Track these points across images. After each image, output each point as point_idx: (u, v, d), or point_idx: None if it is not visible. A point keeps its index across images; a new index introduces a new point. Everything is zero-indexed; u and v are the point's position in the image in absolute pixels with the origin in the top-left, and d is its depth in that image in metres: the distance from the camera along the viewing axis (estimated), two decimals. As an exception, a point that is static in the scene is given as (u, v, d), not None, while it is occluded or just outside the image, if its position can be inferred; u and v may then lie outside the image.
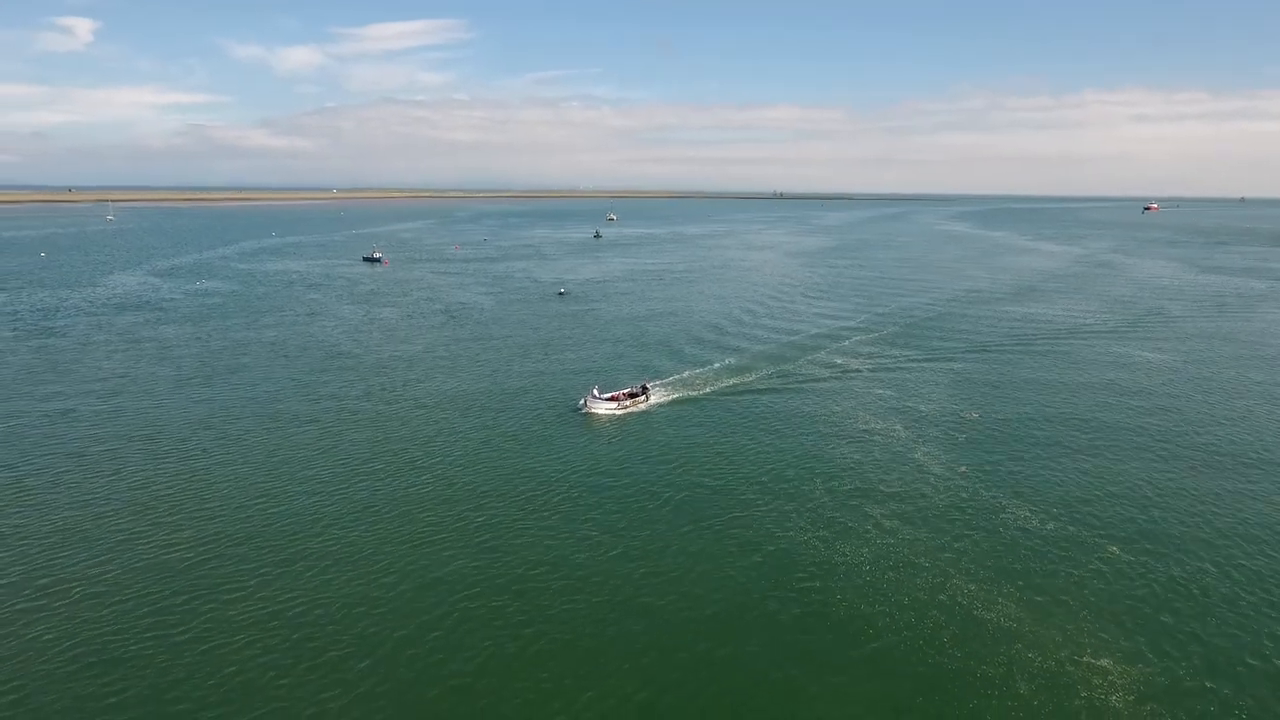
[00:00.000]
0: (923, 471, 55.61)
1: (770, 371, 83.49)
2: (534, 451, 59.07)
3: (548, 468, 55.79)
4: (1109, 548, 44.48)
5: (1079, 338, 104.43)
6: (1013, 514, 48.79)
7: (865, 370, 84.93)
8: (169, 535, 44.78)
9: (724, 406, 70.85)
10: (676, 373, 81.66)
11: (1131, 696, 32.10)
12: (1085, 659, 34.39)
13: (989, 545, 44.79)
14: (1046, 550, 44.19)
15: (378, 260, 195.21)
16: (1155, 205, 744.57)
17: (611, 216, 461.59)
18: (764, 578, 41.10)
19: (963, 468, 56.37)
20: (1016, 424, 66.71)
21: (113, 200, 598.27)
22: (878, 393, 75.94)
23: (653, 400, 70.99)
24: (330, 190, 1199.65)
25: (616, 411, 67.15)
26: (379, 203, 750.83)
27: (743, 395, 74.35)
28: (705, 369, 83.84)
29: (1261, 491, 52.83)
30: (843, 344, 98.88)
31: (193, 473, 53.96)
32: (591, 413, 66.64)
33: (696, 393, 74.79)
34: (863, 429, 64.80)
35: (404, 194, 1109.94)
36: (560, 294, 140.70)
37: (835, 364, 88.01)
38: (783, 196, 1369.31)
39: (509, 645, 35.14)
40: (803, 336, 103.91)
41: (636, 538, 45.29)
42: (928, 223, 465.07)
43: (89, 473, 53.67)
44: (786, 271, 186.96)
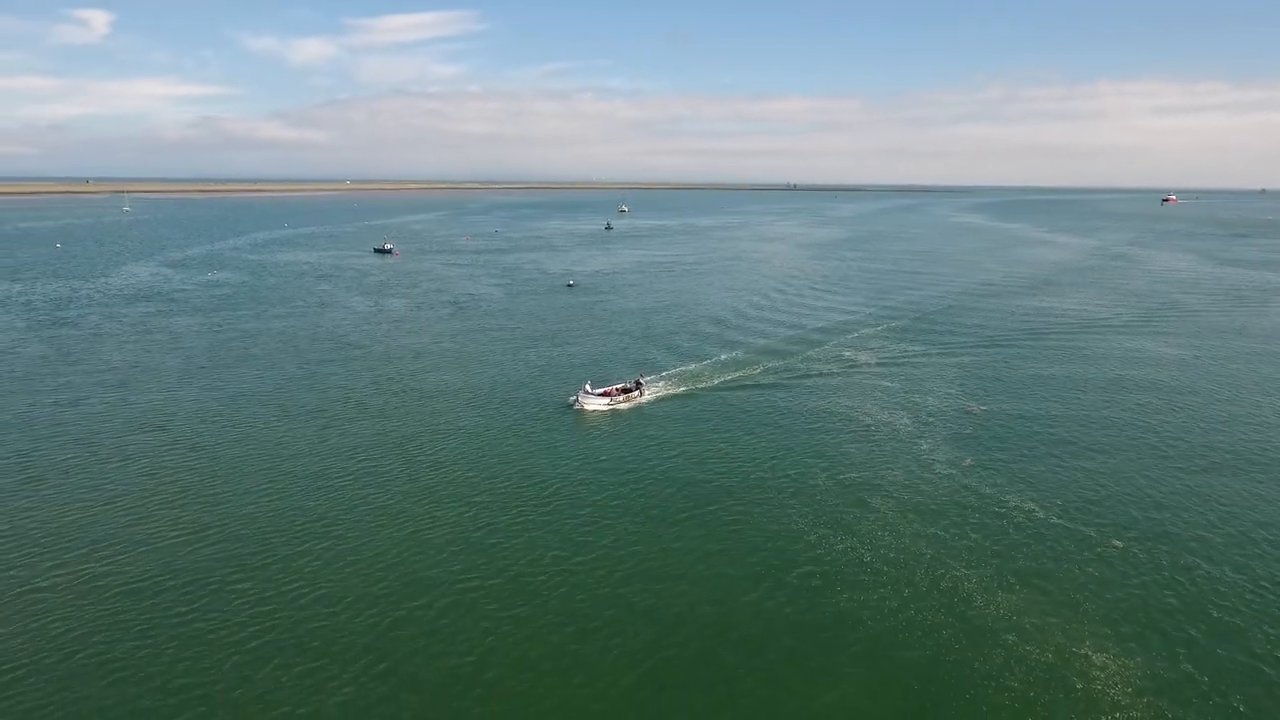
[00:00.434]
0: (926, 465, 55.31)
1: (775, 365, 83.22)
2: (534, 445, 59.15)
3: (546, 462, 55.85)
4: (1113, 542, 44.13)
5: (1091, 332, 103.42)
6: (1016, 508, 48.47)
7: (872, 363, 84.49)
8: (174, 524, 45.22)
9: (725, 401, 70.64)
10: (679, 366, 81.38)
11: (1129, 690, 31.88)
12: (1084, 653, 34.17)
13: (991, 539, 44.54)
14: (1049, 544, 43.90)
15: (388, 251, 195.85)
16: (1174, 197, 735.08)
17: (623, 208, 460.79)
18: (761, 568, 41.05)
19: (967, 461, 56.04)
20: (1024, 419, 66.21)
21: (129, 191, 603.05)
22: (884, 386, 75.56)
23: (648, 395, 69.78)
24: (343, 182, 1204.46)
25: (609, 407, 65.98)
26: (391, 194, 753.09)
27: (745, 389, 74.09)
28: (708, 362, 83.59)
29: (1269, 494, 51.97)
30: (850, 337, 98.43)
31: (199, 462, 54.45)
32: (584, 409, 65.36)
33: (698, 386, 74.53)
34: (868, 422, 64.50)
35: (416, 186, 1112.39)
36: (569, 286, 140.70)
37: (842, 357, 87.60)
38: (796, 188, 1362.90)
39: (506, 636, 35.28)
40: (810, 329, 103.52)
41: (632, 532, 45.31)
42: (942, 214, 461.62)
43: (97, 461, 54.27)
44: (797, 263, 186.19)
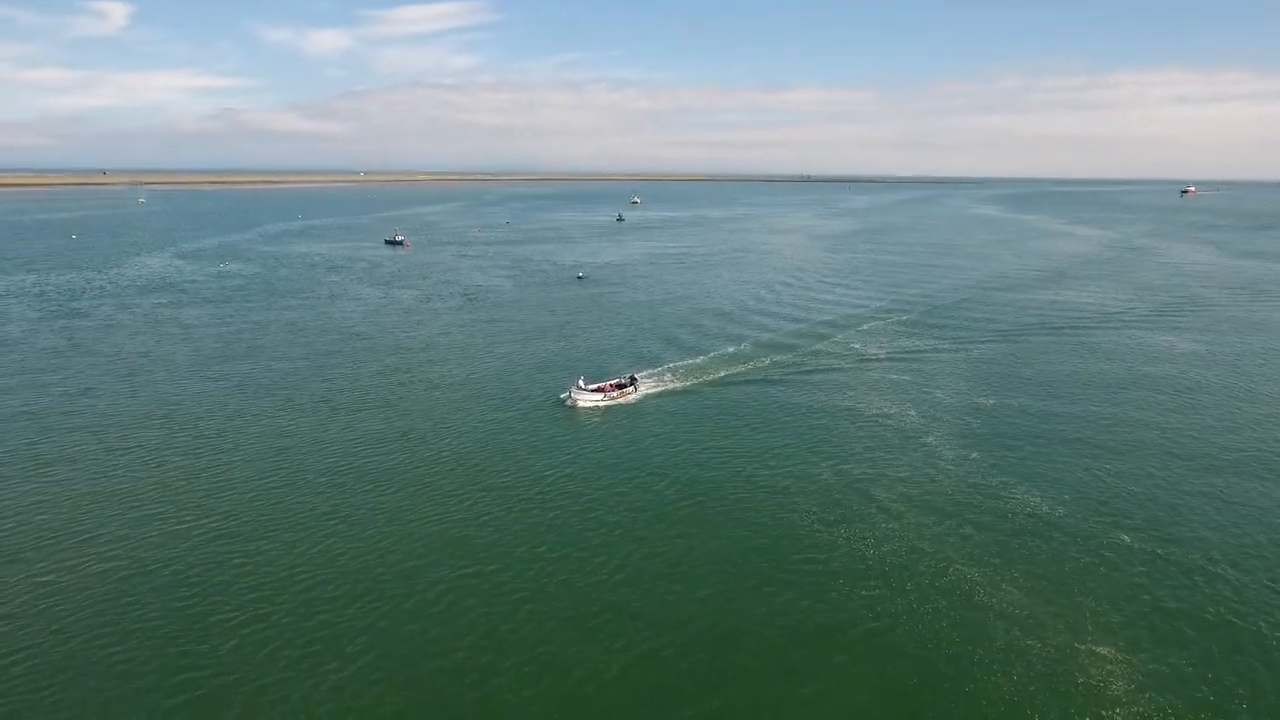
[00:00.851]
0: (932, 459, 54.85)
1: (780, 359, 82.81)
2: (535, 440, 59.20)
3: (546, 455, 55.89)
4: (1120, 536, 43.60)
5: (1106, 326, 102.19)
6: (1022, 501, 47.99)
7: (882, 356, 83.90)
8: (180, 510, 45.55)
9: (727, 396, 70.34)
10: (681, 360, 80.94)
11: (1131, 685, 31.51)
12: (1086, 646, 33.80)
13: (995, 531, 44.12)
14: (1054, 538, 43.43)
15: (400, 243, 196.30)
16: (1193, 189, 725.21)
17: (636, 200, 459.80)
18: (759, 560, 40.86)
19: (974, 455, 55.51)
20: (1033, 414, 65.54)
21: (144, 183, 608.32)
22: (892, 379, 75.01)
23: (643, 391, 68.71)
24: (357, 173, 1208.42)
25: (603, 404, 65.04)
26: (405, 186, 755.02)
27: (747, 384, 73.75)
28: (711, 356, 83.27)
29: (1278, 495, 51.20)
30: (859, 330, 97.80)
31: (206, 450, 54.81)
32: (576, 405, 64.47)
33: (700, 381, 74.16)
34: (875, 414, 64.05)
35: (430, 177, 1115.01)
36: (579, 278, 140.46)
37: (850, 350, 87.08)
38: (810, 179, 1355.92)
39: (502, 625, 35.32)
40: (818, 323, 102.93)
41: (629, 526, 45.21)
42: (958, 206, 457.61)
43: (105, 450, 54.72)
44: (808, 255, 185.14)
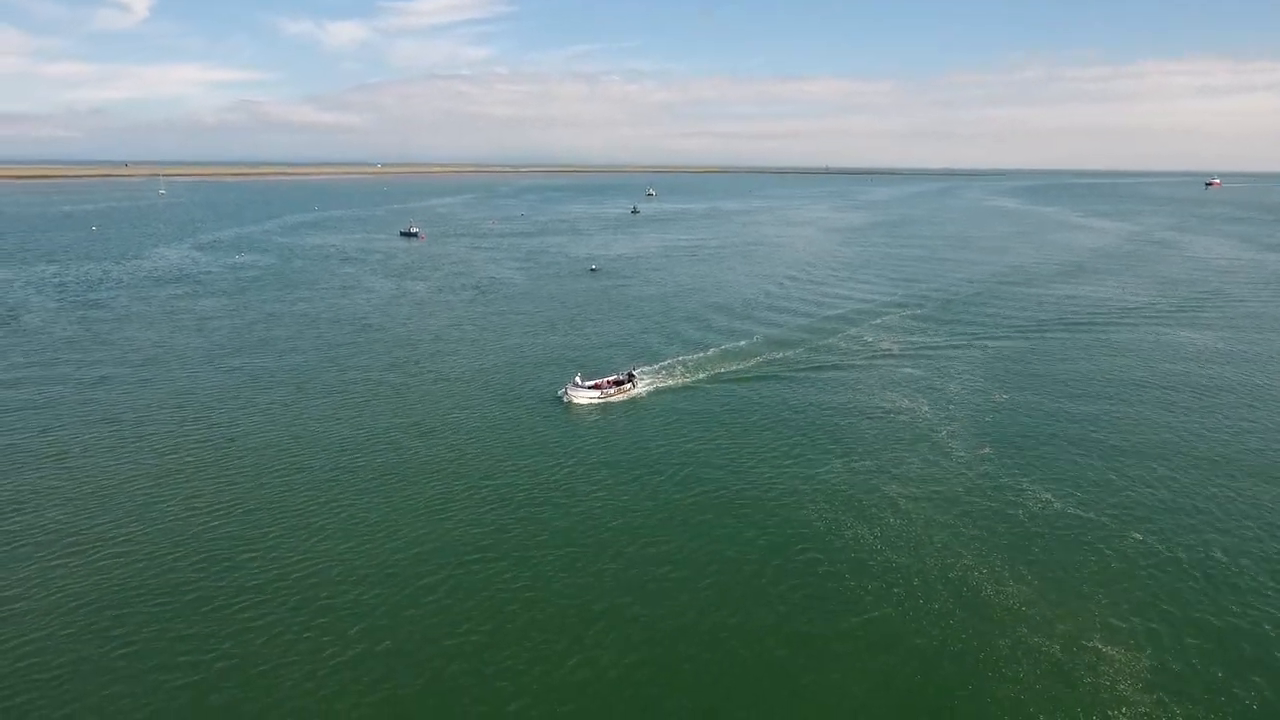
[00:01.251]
0: (944, 453, 54.35)
1: (792, 353, 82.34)
2: (539, 432, 59.24)
3: (553, 446, 55.93)
4: (1132, 535, 43.00)
5: (1125, 321, 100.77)
6: (1033, 497, 47.46)
7: (895, 351, 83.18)
8: (190, 498, 45.96)
9: (738, 390, 69.96)
10: (686, 355, 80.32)
11: (1139, 685, 31.08)
12: (1094, 645, 33.38)
13: (1004, 528, 43.66)
14: (1064, 536, 42.91)
15: (414, 235, 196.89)
16: (1218, 181, 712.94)
17: (650, 192, 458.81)
18: (766, 552, 40.66)
19: (985, 449, 54.96)
20: (1048, 409, 64.81)
21: (165, 175, 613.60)
22: (906, 373, 74.39)
23: (642, 387, 67.43)
24: (374, 165, 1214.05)
25: (599, 400, 63.86)
26: (421, 177, 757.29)
27: (759, 379, 73.36)
28: (723, 350, 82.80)
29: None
30: (872, 324, 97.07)
31: (217, 439, 55.24)
32: (573, 402, 63.40)
33: (704, 376, 73.85)
34: (887, 410, 63.54)
35: (446, 169, 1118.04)
36: (592, 270, 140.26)
37: (864, 344, 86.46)
38: (829, 171, 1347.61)
39: (503, 613, 35.36)
40: (830, 317, 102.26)
41: (634, 515, 45.18)
42: (976, 198, 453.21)
43: (118, 438, 55.28)
44: (823, 249, 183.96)
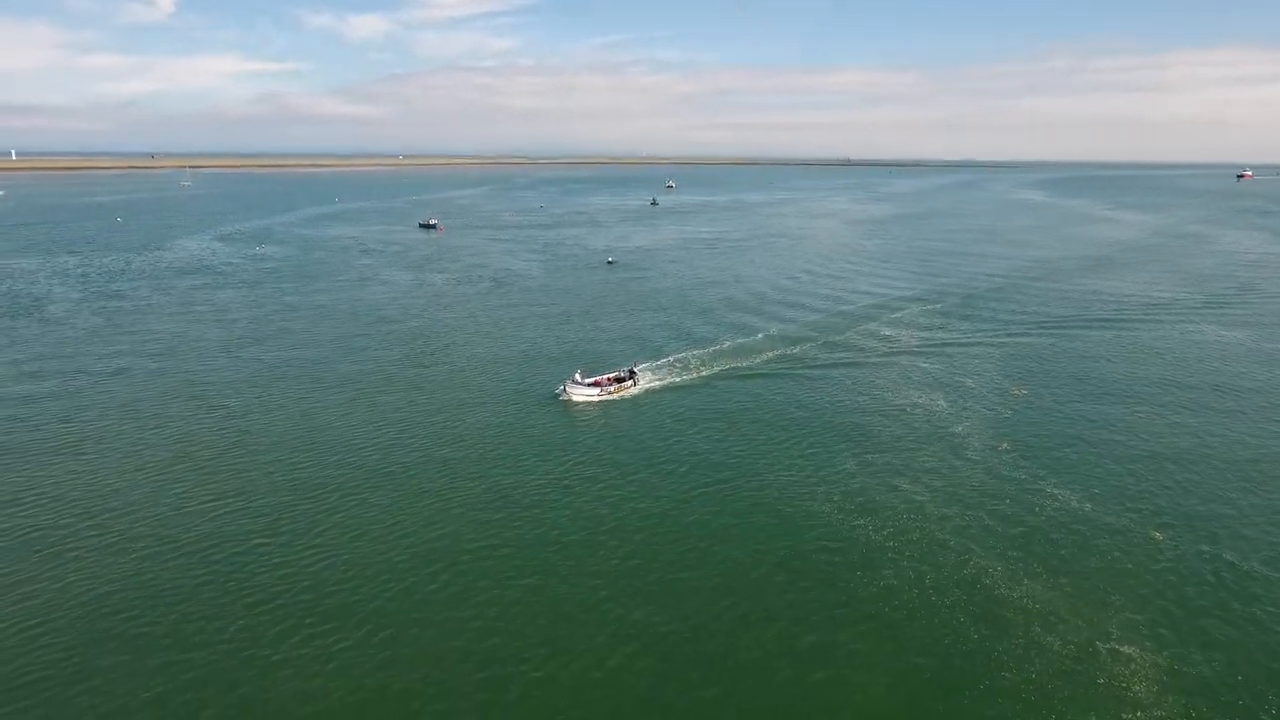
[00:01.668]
0: (960, 449, 53.56)
1: (809, 346, 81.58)
2: (553, 423, 59.10)
3: (567, 438, 55.76)
4: (1151, 534, 42.08)
5: (1150, 317, 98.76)
6: (1050, 496, 46.60)
7: (913, 345, 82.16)
8: (204, 489, 46.30)
9: (752, 385, 69.22)
10: (702, 349, 79.54)
11: (1155, 686, 30.36)
12: (1110, 645, 32.67)
13: (1021, 525, 42.90)
14: (1081, 534, 42.07)
15: (433, 227, 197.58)
16: (1250, 173, 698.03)
17: (671, 184, 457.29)
18: (777, 546, 40.21)
19: (1003, 446, 54.10)
20: (1068, 404, 63.70)
21: (190, 166, 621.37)
22: (923, 367, 73.46)
23: (643, 385, 65.64)
24: (396, 157, 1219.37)
25: (598, 398, 62.21)
26: (442, 169, 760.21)
27: (774, 375, 72.61)
28: (737, 344, 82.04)
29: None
30: (890, 318, 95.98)
31: (233, 430, 55.66)
32: (571, 399, 61.70)
33: (725, 368, 73.30)
34: (903, 404, 62.75)
35: (467, 160, 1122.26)
36: (609, 263, 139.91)
37: (882, 337, 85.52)
38: (851, 163, 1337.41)
39: (512, 605, 35.26)
40: (849, 311, 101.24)
41: (645, 508, 44.84)
42: (1001, 191, 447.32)
43: (135, 428, 55.86)
44: (844, 241, 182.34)
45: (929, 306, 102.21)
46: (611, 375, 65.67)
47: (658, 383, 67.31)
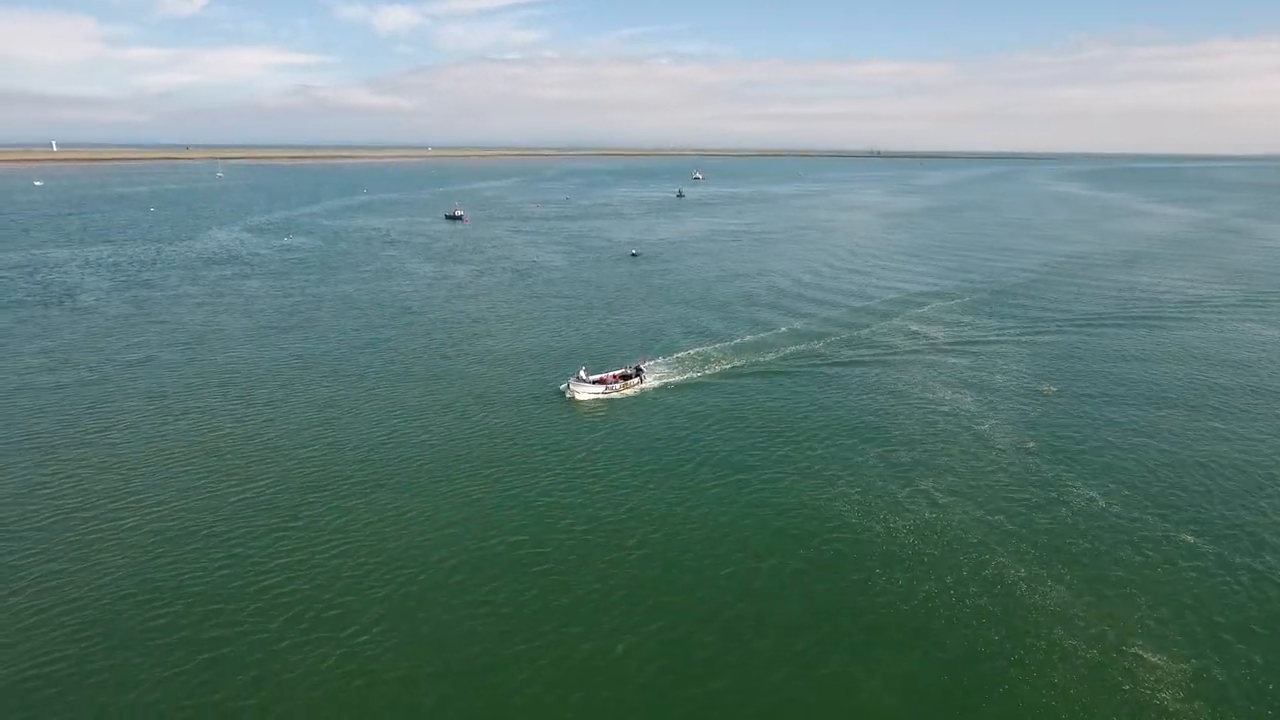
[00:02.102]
0: (986, 446, 52.46)
1: (833, 341, 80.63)
2: (566, 418, 58.89)
3: (578, 433, 55.53)
4: (1181, 538, 40.85)
5: (1186, 313, 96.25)
6: (1075, 496, 45.45)
7: (941, 341, 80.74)
8: (225, 476, 46.74)
9: (772, 380, 68.54)
10: (701, 346, 78.93)
11: (1180, 693, 29.40)
12: (1134, 651, 31.73)
13: (1045, 526, 41.87)
14: (1107, 536, 40.97)
15: (459, 218, 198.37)
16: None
17: (697, 175, 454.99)
18: (793, 542, 39.63)
19: (1030, 444, 52.89)
20: (1099, 402, 62.20)
21: (223, 158, 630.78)
22: (951, 363, 72.16)
23: (651, 382, 64.39)
24: (425, 148, 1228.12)
25: (602, 395, 61.06)
26: (470, 161, 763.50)
27: (798, 371, 71.86)
28: (757, 339, 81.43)
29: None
30: (918, 312, 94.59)
31: (255, 419, 56.15)
32: (576, 397, 60.51)
33: (744, 363, 72.60)
34: (929, 400, 61.65)
35: (495, 152, 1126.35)
36: (633, 255, 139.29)
37: (910, 333, 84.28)
38: (880, 155, 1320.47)
39: (519, 597, 35.12)
40: (876, 306, 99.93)
41: (655, 503, 44.55)
42: (1037, 183, 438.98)
43: (161, 414, 56.60)
44: (874, 235, 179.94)
45: (960, 301, 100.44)
46: (618, 372, 64.12)
47: (669, 379, 66.08)
